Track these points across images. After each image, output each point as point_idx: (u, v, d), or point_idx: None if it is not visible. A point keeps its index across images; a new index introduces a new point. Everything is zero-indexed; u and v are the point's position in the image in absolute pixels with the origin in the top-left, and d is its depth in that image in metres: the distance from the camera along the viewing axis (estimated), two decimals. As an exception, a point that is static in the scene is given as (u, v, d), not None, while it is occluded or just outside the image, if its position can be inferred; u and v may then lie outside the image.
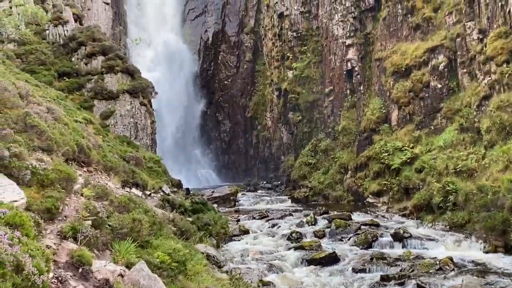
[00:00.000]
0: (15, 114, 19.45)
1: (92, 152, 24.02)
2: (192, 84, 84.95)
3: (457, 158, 35.61)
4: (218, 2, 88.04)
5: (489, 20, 36.95)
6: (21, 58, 45.95)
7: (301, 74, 62.88)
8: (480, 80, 37.17)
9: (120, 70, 48.56)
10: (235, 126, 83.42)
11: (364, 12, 56.00)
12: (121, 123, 45.94)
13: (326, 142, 55.76)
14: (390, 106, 47.42)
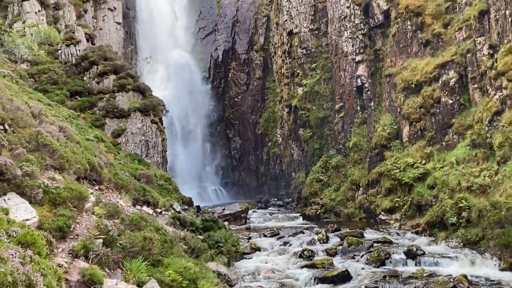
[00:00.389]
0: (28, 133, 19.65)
1: (104, 170, 24.14)
2: (203, 102, 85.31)
3: (469, 174, 35.27)
4: (228, 20, 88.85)
5: (499, 35, 36.87)
6: (34, 78, 46.57)
7: (311, 91, 63.00)
8: (491, 96, 36.96)
9: (131, 89, 49.03)
10: (245, 143, 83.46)
11: (374, 28, 56.17)
12: (132, 141, 46.20)
13: (337, 159, 55.56)
14: (401, 122, 47.25)
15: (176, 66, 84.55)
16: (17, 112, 20.52)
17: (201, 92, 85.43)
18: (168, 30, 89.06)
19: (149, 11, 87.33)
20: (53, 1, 61.02)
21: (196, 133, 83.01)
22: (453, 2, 45.01)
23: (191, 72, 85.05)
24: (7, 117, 19.75)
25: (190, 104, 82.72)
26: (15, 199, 14.51)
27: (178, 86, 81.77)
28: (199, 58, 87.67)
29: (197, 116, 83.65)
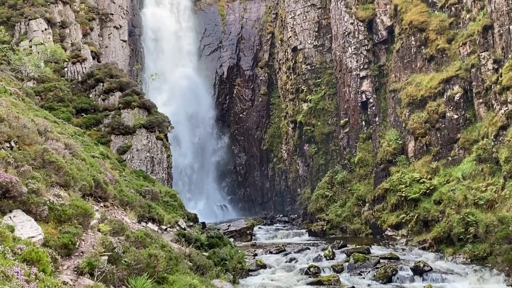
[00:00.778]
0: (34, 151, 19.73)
1: (109, 187, 24.15)
2: (208, 118, 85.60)
3: (476, 189, 35.06)
4: (233, 37, 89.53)
5: (503, 50, 36.94)
6: (40, 96, 46.92)
7: (316, 106, 63.14)
8: (496, 110, 36.89)
9: (136, 106, 49.28)
10: (250, 159, 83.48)
11: (377, 44, 56.41)
12: (138, 158, 46.28)
13: (343, 174, 55.40)
14: (406, 137, 47.17)
15: (182, 83, 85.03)
16: (23, 129, 20.64)
17: (206, 108, 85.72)
18: (174, 47, 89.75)
19: (155, 29, 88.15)
20: (60, 19, 61.73)
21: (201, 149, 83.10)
22: (456, 18, 45.19)
23: (196, 88, 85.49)
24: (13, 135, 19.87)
25: (196, 120, 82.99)
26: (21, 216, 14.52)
27: (184, 102, 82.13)
28: (204, 74, 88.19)
29: (202, 131, 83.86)
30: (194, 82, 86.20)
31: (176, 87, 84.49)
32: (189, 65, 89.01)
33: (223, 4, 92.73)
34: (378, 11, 56.35)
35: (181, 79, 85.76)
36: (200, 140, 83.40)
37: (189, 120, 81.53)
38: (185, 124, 79.13)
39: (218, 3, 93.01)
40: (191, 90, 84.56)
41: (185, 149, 78.42)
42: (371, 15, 56.73)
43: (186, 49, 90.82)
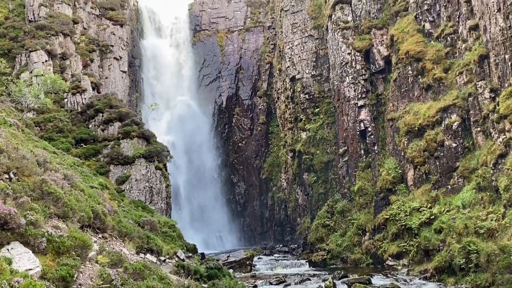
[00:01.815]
0: (33, 182, 19.70)
1: (107, 218, 24.02)
2: (207, 147, 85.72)
3: (476, 218, 34.90)
4: (231, 68, 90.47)
5: (500, 79, 37.28)
6: (40, 126, 47.09)
7: (315, 135, 63.36)
8: (495, 139, 37.02)
9: (136, 136, 49.40)
10: (250, 188, 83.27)
11: (375, 74, 56.97)
12: (136, 188, 46.15)
13: (343, 203, 55.17)
14: (405, 165, 47.19)
15: (181, 112, 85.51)
16: (22, 160, 20.65)
17: (205, 138, 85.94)
18: (173, 77, 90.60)
19: (154, 60, 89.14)
20: (60, 51, 62.45)
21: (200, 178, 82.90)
22: (452, 48, 45.77)
23: (195, 118, 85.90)
24: (12, 166, 19.87)
25: (195, 150, 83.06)
26: (19, 249, 14.40)
27: (183, 132, 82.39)
28: (203, 104, 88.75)
29: (201, 161, 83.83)
30: (193, 112, 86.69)
31: (175, 117, 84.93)
32: (188, 95, 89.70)
33: (222, 35, 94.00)
34: (374, 42, 57.09)
35: (181, 109, 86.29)
36: (199, 169, 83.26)
37: (188, 149, 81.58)
38: (184, 153, 79.17)
39: (217, 34, 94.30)
40: (190, 119, 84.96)
41: (183, 178, 78.24)
42: (368, 45, 57.45)
43: (185, 79, 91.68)
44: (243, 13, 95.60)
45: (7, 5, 69.51)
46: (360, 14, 59.91)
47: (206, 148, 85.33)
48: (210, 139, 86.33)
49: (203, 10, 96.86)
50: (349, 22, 59.99)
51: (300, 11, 72.62)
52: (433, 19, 49.80)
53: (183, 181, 77.51)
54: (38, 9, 66.94)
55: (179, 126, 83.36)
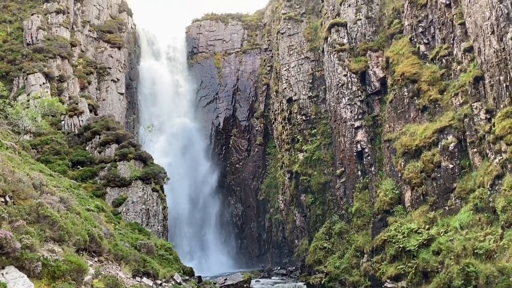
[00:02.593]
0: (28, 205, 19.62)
1: (104, 241, 23.87)
2: (204, 169, 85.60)
3: (474, 239, 34.75)
4: (228, 89, 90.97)
5: (495, 101, 37.51)
6: (37, 149, 47.01)
7: (312, 156, 63.37)
8: (491, 159, 37.09)
9: (133, 157, 49.33)
10: (247, 210, 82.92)
11: (371, 95, 57.31)
12: (133, 210, 45.91)
13: (340, 225, 54.93)
14: (402, 187, 47.14)
15: (178, 134, 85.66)
16: (19, 184, 20.60)
17: (202, 159, 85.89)
18: (170, 99, 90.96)
19: (152, 82, 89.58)
20: (58, 74, 62.72)
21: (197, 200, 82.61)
22: (448, 69, 46.16)
23: (192, 139, 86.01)
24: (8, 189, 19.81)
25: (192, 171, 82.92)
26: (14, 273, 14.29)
27: (180, 153, 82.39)
28: (201, 125, 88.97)
29: (198, 182, 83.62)
30: (190, 133, 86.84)
31: (172, 138, 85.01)
32: (185, 116, 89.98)
33: (219, 58, 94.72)
34: (370, 63, 57.59)
35: (178, 130, 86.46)
36: (196, 190, 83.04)
37: (185, 170, 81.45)
38: (181, 175, 78.99)
39: (214, 56, 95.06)
40: (187, 141, 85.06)
41: (181, 199, 77.96)
42: (363, 67, 57.92)
43: (182, 100, 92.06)
44: (240, 35, 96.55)
45: (5, 28, 70.02)
46: (355, 37, 60.54)
47: (203, 170, 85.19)
48: (207, 160, 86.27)
49: (200, 32, 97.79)
50: (345, 44, 60.58)
51: (296, 34, 73.40)
52: (428, 41, 50.33)
53: (180, 203, 77.14)
54: (36, 32, 67.43)
55: (176, 147, 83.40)
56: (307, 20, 74.36)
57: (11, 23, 71.32)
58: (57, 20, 71.38)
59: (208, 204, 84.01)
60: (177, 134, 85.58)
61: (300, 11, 75.62)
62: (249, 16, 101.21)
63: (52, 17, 71.32)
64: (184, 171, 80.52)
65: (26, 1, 75.62)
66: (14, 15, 72.75)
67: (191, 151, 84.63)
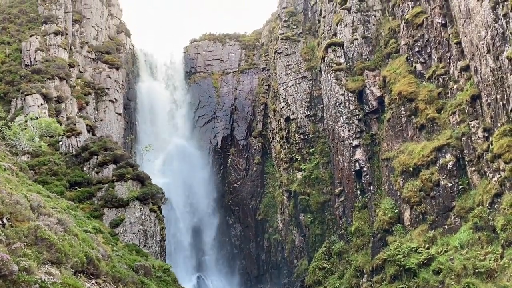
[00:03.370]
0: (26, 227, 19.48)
1: (101, 263, 23.64)
2: (202, 188, 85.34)
3: (474, 258, 34.57)
4: (226, 108, 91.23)
5: (492, 119, 37.64)
6: (34, 170, 46.85)
7: (310, 175, 63.26)
8: (490, 178, 37.07)
9: (130, 178, 49.14)
10: (245, 230, 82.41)
11: (368, 114, 57.49)
12: (131, 231, 45.58)
13: (340, 245, 54.59)
14: (401, 205, 47.00)
15: (176, 154, 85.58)
16: (16, 206, 20.46)
17: (200, 179, 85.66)
18: (168, 119, 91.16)
19: (150, 102, 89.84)
20: (56, 94, 62.86)
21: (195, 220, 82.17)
22: (444, 88, 46.39)
23: (190, 159, 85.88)
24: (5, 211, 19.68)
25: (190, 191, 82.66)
26: (10, 298, 14.11)
27: (178, 173, 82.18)
28: (199, 145, 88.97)
29: (196, 202, 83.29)
30: (188, 153, 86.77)
31: (170, 158, 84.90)
32: (183, 136, 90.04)
33: (216, 77, 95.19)
34: (367, 82, 57.89)
35: (176, 150, 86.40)
36: (194, 210, 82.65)
37: (183, 190, 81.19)
38: (179, 195, 78.71)
39: (212, 76, 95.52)
40: (185, 160, 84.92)
41: (178, 219, 77.54)
42: (360, 86, 58.21)
43: (180, 120, 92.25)
44: (237, 55, 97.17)
45: (3, 49, 70.35)
46: (352, 56, 60.95)
47: (201, 189, 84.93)
48: (205, 180, 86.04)
49: (198, 53, 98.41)
50: (342, 63, 60.97)
51: (294, 53, 73.92)
52: (424, 60, 50.68)
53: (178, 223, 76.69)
54: (34, 53, 67.75)
55: (174, 167, 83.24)
56: (304, 40, 74.95)
57: (9, 44, 71.69)
58: (56, 41, 71.80)
59: (206, 224, 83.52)
60: (175, 154, 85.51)
61: (297, 31, 76.28)
62: (246, 36, 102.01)
63: (50, 38, 71.74)
64: (182, 191, 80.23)
65: (24, 22, 76.10)
66: (12, 37, 73.19)
67: (189, 170, 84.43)
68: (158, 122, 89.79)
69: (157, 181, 56.54)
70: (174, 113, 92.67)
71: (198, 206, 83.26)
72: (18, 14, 77.56)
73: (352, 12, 62.46)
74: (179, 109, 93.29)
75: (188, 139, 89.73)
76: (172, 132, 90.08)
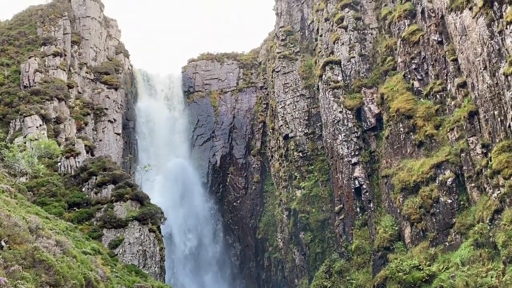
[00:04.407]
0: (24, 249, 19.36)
1: (100, 285, 23.45)
2: (201, 207, 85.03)
3: (476, 275, 34.31)
4: (225, 127, 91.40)
5: (491, 135, 37.69)
6: (33, 191, 46.67)
7: (310, 193, 63.12)
8: (489, 194, 36.99)
9: (129, 198, 48.94)
10: (245, 249, 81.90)
11: (367, 131, 57.57)
12: (130, 252, 45.24)
13: (341, 263, 54.21)
14: (402, 223, 46.80)
15: (175, 173, 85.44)
16: (14, 228, 20.37)
17: (199, 198, 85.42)
18: (167, 138, 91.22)
19: (148, 121, 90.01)
20: (55, 115, 62.95)
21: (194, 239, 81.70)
22: (442, 105, 46.56)
23: (189, 178, 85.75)
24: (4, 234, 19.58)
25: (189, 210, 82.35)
26: (8, 322, 13.95)
27: (177, 193, 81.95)
28: (197, 164, 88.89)
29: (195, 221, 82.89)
30: (187, 172, 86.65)
31: (169, 177, 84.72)
32: (182, 155, 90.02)
33: (215, 96, 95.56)
34: (365, 100, 58.09)
35: (174, 169, 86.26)
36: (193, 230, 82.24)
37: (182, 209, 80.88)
38: (178, 214, 78.40)
39: (210, 95, 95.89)
40: (184, 180, 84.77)
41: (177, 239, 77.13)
42: (358, 103, 58.39)
43: (179, 139, 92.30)
44: (235, 74, 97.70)
45: (2, 71, 70.62)
46: (350, 74, 61.26)
47: (200, 209, 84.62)
48: (204, 199, 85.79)
49: (196, 72, 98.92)
50: (339, 81, 61.26)
51: (291, 72, 74.33)
52: (421, 77, 50.94)
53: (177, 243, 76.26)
54: (33, 74, 68.02)
55: (173, 186, 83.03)
56: (301, 59, 75.42)
57: (8, 66, 71.98)
58: (54, 63, 72.17)
59: (205, 243, 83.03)
60: (174, 173, 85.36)
61: (294, 50, 76.80)
62: (244, 55, 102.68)
63: (49, 60, 72.10)
64: (181, 210, 79.91)
65: (23, 44, 76.53)
66: (11, 58, 73.52)
67: (188, 190, 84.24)
68: (157, 142, 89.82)
69: (156, 200, 56.35)
70: (173, 132, 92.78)
71: (197, 226, 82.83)
72: (17, 36, 78.04)
73: (348, 30, 63.00)
74: (178, 128, 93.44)
75: (187, 158, 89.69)
76: (171, 151, 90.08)
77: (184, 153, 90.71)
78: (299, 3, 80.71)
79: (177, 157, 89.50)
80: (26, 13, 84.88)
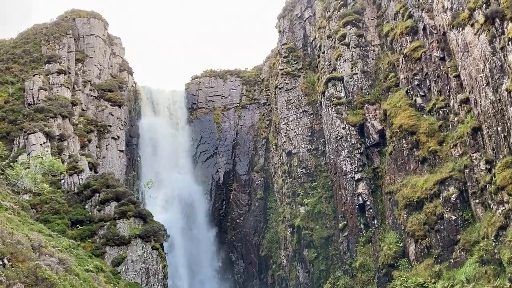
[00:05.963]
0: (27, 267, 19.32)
1: (103, 303, 23.31)
2: (205, 224, 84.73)
3: (482, 293, 33.92)
4: (228, 143, 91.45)
5: (494, 151, 37.58)
6: (36, 208, 46.71)
7: (313, 210, 62.89)
8: (494, 210, 36.74)
9: (132, 215, 48.96)
10: (249, 266, 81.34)
11: (370, 147, 57.52)
12: (132, 269, 45.08)
13: (345, 280, 53.78)
14: (406, 239, 46.47)
15: (178, 189, 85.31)
16: (17, 246, 20.34)
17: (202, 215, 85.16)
18: (170, 155, 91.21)
19: (152, 138, 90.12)
20: (58, 133, 63.14)
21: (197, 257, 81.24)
22: (445, 121, 46.52)
23: (192, 195, 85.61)
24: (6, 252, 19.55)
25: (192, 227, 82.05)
26: None
27: (180, 210, 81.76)
28: (200, 180, 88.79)
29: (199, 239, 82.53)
30: (190, 189, 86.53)
31: (172, 194, 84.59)
32: (185, 172, 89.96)
33: (218, 113, 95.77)
34: (368, 116, 58.15)
35: (178, 186, 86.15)
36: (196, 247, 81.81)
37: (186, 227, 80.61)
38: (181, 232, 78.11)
39: (214, 111, 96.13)
40: (187, 196, 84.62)
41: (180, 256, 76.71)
42: (361, 120, 58.45)
43: (182, 156, 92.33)
44: (238, 91, 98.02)
45: (7, 89, 71.08)
46: (352, 90, 61.42)
47: (203, 226, 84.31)
48: (207, 216, 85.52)
49: (199, 89, 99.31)
50: (342, 98, 61.42)
51: (294, 88, 74.58)
52: (424, 93, 51.00)
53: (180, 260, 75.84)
54: (37, 92, 68.39)
55: (177, 203, 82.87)
56: (304, 75, 75.72)
57: (13, 84, 72.44)
58: (59, 80, 72.61)
59: (208, 261, 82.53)
60: (177, 190, 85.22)
61: (297, 67, 77.15)
62: (247, 72, 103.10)
63: (53, 78, 72.58)
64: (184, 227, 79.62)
65: (28, 62, 77.08)
66: (16, 76, 74.01)
67: (191, 207, 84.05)
68: (160, 158, 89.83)
69: (159, 217, 56.24)
70: (176, 149, 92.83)
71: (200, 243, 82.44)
72: (22, 54, 78.65)
73: (351, 47, 63.32)
74: (181, 145, 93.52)
75: (190, 175, 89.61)
76: (174, 168, 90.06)
77: (187, 170, 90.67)
78: (301, 21, 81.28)
79: (180, 173, 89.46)
80: (31, 32, 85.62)
